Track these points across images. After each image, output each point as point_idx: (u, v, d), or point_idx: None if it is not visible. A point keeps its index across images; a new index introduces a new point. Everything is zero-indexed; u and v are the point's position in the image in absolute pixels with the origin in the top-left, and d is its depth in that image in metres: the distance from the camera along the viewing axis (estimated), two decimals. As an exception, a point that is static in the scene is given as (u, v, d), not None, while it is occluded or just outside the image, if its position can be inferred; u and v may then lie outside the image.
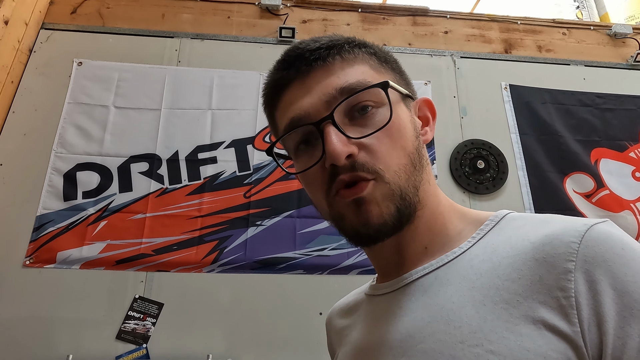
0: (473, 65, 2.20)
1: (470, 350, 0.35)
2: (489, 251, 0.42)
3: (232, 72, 2.00)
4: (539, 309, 0.35)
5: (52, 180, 1.73)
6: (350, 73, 0.45)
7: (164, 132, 1.86)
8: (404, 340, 0.41)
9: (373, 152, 0.43)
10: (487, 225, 0.45)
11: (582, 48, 2.35)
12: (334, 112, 0.42)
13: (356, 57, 0.46)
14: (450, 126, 2.04)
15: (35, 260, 1.61)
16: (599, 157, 2.05)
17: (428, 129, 0.50)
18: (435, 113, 0.51)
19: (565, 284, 0.34)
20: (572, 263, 0.35)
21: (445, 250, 0.45)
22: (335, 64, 0.45)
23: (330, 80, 0.44)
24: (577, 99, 2.17)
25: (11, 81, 1.84)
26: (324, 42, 0.46)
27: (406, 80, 0.51)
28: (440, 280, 0.43)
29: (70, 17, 2.06)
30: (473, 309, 0.38)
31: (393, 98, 0.45)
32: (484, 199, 1.92)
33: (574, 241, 0.36)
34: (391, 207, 0.42)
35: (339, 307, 0.61)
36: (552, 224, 0.39)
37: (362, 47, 0.48)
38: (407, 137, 0.45)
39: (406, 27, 2.26)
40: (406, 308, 0.44)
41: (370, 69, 0.46)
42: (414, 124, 0.47)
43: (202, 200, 1.77)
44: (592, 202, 1.96)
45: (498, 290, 0.37)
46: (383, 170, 0.42)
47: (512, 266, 0.38)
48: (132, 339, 1.55)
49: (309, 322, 1.63)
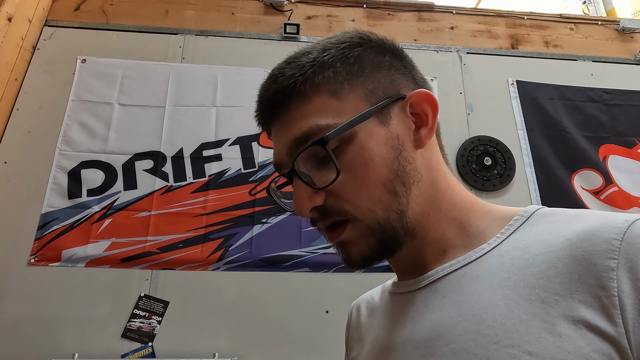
0: (479, 61, 2.18)
1: (505, 351, 0.34)
2: (520, 247, 0.40)
3: (237, 68, 1.99)
4: (579, 309, 0.33)
5: (57, 178, 1.72)
6: (305, 116, 0.43)
7: (168, 129, 1.85)
8: (433, 340, 0.40)
9: (339, 196, 0.43)
10: (516, 221, 0.43)
11: (589, 43, 2.33)
12: (294, 165, 0.43)
13: (315, 90, 0.44)
14: (457, 123, 2.02)
15: (40, 258, 1.61)
16: (607, 154, 2.03)
17: (424, 130, 0.45)
18: (436, 107, 0.46)
19: (607, 283, 0.33)
20: (614, 261, 0.33)
21: (468, 249, 0.44)
22: (292, 106, 0.44)
23: (287, 130, 0.44)
24: (585, 95, 2.14)
25: (15, 78, 1.83)
26: (280, 81, 0.44)
27: (401, 71, 0.47)
28: (468, 277, 0.41)
29: (74, 14, 2.05)
30: (506, 308, 0.36)
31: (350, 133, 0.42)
32: (491, 196, 1.90)
33: (615, 238, 0.34)
34: (371, 242, 0.43)
35: (365, 300, 0.59)
36: (588, 220, 0.38)
37: (323, 71, 0.44)
38: (376, 168, 0.42)
39: (412, 22, 2.24)
40: (433, 306, 0.42)
41: (329, 98, 0.43)
42: (394, 141, 0.44)
43: (207, 197, 1.76)
44: (601, 199, 1.94)
45: (533, 288, 0.36)
46: (352, 211, 0.43)
47: (547, 263, 0.36)
48: (138, 337, 1.54)
49: (316, 320, 1.62)
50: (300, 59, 0.45)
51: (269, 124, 0.48)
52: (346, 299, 0.67)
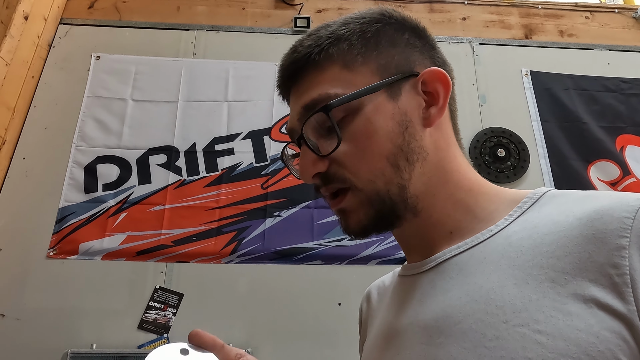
0: (492, 51, 2.15)
1: (515, 330, 0.34)
2: (529, 227, 0.40)
3: (248, 63, 2.00)
4: (589, 287, 0.33)
5: (73, 173, 1.76)
6: (317, 84, 0.45)
7: (181, 124, 1.87)
8: (441, 320, 0.40)
9: (342, 164, 0.44)
10: (525, 203, 0.43)
11: (606, 32, 2.28)
12: (302, 131, 0.44)
13: (329, 61, 0.45)
14: (469, 114, 2.00)
15: (58, 251, 1.64)
16: (624, 144, 1.99)
17: (434, 108, 0.45)
18: (448, 85, 0.45)
19: (619, 261, 0.33)
20: (625, 239, 0.33)
21: (476, 231, 0.44)
22: (307, 75, 0.46)
23: (300, 97, 0.46)
24: (602, 85, 2.10)
25: (32, 76, 1.87)
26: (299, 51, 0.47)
27: (419, 48, 0.47)
28: (476, 259, 0.41)
29: (88, 11, 2.08)
30: (516, 288, 0.36)
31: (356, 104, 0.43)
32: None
33: (627, 216, 0.34)
34: (370, 212, 0.44)
35: (377, 286, 0.60)
36: (598, 199, 0.37)
37: (339, 43, 0.45)
38: (380, 141, 0.43)
39: (423, 14, 2.22)
40: (440, 287, 0.42)
41: (341, 70, 0.45)
42: (400, 116, 0.44)
43: (219, 191, 1.78)
44: (618, 191, 1.91)
45: (542, 268, 0.36)
46: (353, 179, 0.43)
47: (557, 243, 0.36)
48: (154, 328, 1.57)
49: (328, 312, 1.63)
50: (319, 32, 0.47)
51: (287, 92, 0.50)
52: (358, 291, 0.68)
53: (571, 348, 0.31)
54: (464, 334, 0.37)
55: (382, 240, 1.72)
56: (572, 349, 0.31)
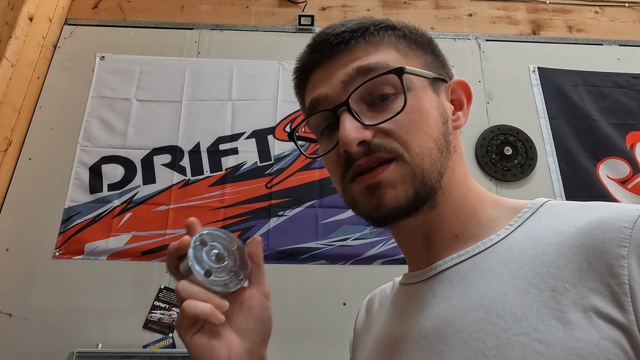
0: (499, 48, 2.12)
1: (515, 339, 0.34)
2: (530, 238, 0.40)
3: (252, 62, 1.99)
4: (589, 297, 0.33)
5: (79, 173, 1.76)
6: (370, 54, 0.45)
7: (185, 123, 1.87)
8: (442, 329, 0.39)
9: (390, 134, 0.42)
10: (525, 213, 0.44)
11: (615, 27, 2.23)
12: (349, 99, 0.42)
13: (382, 41, 0.46)
14: (476, 112, 1.97)
15: (64, 251, 1.65)
16: (635, 141, 1.95)
17: (461, 113, 0.48)
18: (470, 95, 0.50)
19: (618, 270, 0.33)
20: (624, 249, 0.33)
21: (478, 238, 0.44)
22: (358, 47, 0.45)
23: (347, 64, 0.45)
24: (611, 81, 2.06)
25: (37, 77, 1.88)
26: (350, 25, 0.46)
27: (441, 62, 0.50)
28: (478, 268, 0.41)
29: (92, 12, 2.08)
30: (517, 297, 0.36)
31: (415, 83, 0.44)
32: (512, 187, 1.86)
33: (626, 226, 0.34)
34: (409, 190, 0.42)
35: (378, 294, 0.60)
36: (598, 210, 0.38)
37: (389, 30, 0.47)
38: (430, 123, 0.43)
39: (428, 10, 2.19)
40: (442, 296, 0.42)
41: (396, 53, 0.45)
42: (442, 109, 0.46)
43: (224, 191, 1.77)
44: (628, 189, 1.87)
45: (543, 277, 0.36)
46: (403, 149, 0.42)
47: (557, 253, 0.36)
48: (159, 328, 1.57)
49: (333, 312, 1.62)
50: (364, 19, 0.48)
51: (319, 60, 0.47)
52: (363, 291, 0.67)
53: (571, 357, 0.31)
54: (464, 343, 0.37)
55: (386, 240, 1.71)
56: (571, 359, 0.31)
